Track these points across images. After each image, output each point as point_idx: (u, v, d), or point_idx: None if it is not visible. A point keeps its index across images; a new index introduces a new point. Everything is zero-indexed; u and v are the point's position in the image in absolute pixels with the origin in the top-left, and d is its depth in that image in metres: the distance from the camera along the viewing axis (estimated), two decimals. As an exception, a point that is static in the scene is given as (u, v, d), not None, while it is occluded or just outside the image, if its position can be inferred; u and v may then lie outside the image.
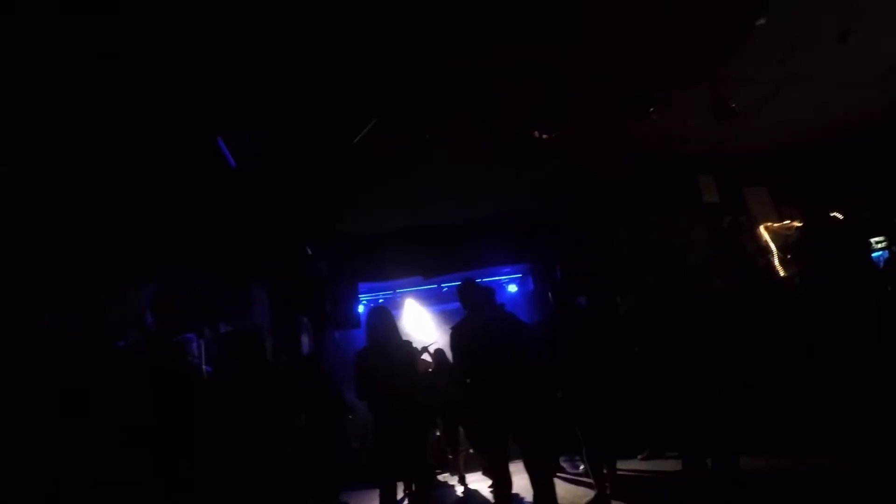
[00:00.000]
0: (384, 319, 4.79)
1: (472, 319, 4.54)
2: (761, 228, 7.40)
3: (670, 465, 5.54)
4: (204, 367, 5.71)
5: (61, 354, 3.21)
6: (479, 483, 6.60)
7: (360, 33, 4.28)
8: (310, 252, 8.24)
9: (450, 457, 7.20)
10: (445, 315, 10.85)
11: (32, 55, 3.68)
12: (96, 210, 4.79)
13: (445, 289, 10.95)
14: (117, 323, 4.32)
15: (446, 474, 7.81)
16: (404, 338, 4.94)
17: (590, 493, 4.80)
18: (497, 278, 10.90)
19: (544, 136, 5.61)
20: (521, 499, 5.15)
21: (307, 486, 5.81)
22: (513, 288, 11.17)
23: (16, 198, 3.69)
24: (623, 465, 5.36)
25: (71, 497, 2.94)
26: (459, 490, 6.61)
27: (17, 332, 3.09)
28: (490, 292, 4.88)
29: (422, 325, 10.73)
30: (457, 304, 10.54)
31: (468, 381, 4.43)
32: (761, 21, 4.75)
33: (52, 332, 3.42)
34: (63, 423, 2.93)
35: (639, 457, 6.16)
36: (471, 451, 7.07)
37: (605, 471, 4.78)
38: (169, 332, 4.21)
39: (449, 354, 5.09)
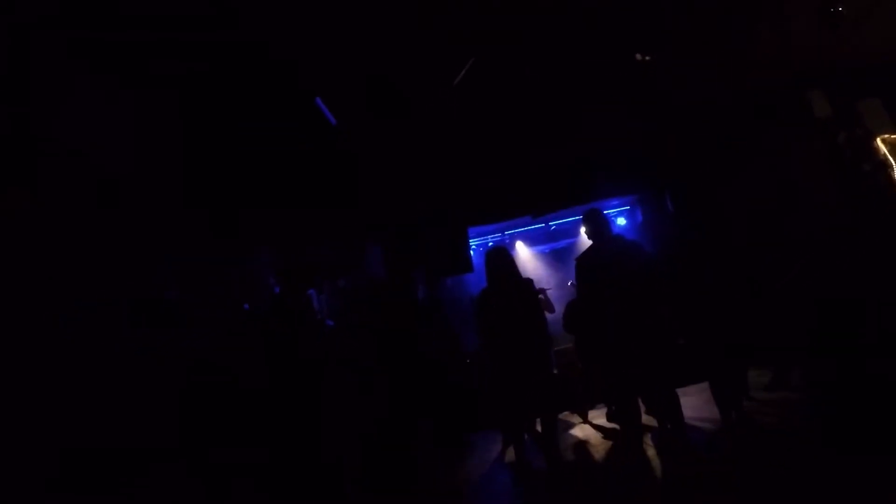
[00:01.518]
0: (504, 259, 4.83)
1: (599, 249, 4.45)
2: (878, 141, 6.67)
3: (798, 397, 5.20)
4: (327, 321, 6.01)
5: (191, 325, 3.48)
6: (601, 420, 6.56)
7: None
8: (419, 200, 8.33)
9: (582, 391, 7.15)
10: (555, 253, 10.69)
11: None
12: (210, 181, 5.05)
13: (554, 227, 10.75)
14: (243, 287, 4.60)
15: (565, 412, 7.83)
16: (523, 277, 4.94)
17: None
18: (605, 211, 10.52)
19: (647, 59, 5.24)
20: (648, 432, 5.06)
21: (432, 431, 6.03)
22: (621, 221, 10.73)
23: (130, 185, 3.95)
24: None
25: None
26: (585, 429, 6.60)
27: (145, 308, 3.35)
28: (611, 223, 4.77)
29: (532, 264, 10.63)
30: (566, 241, 10.51)
31: (595, 309, 4.41)
32: None
33: (180, 304, 3.70)
34: (197, 389, 3.17)
35: (764, 390, 5.84)
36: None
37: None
38: (291, 290, 4.40)
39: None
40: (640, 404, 4.51)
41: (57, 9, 3.33)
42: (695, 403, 5.91)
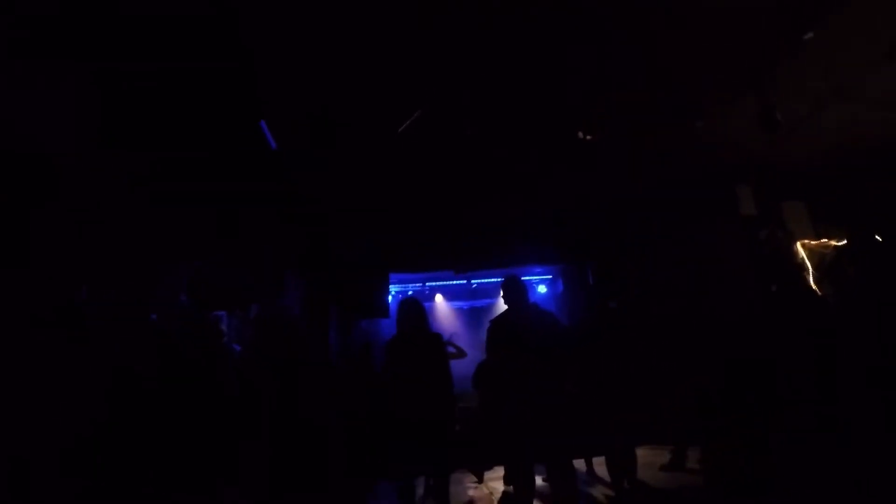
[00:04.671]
0: (415, 311, 4.81)
1: (513, 315, 4.54)
2: (798, 245, 7.25)
3: (690, 479, 5.46)
4: (233, 345, 5.80)
5: (95, 326, 3.30)
6: (497, 482, 6.57)
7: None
8: (340, 239, 8.30)
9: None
10: (474, 311, 10.86)
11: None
12: (137, 190, 4.89)
13: (475, 285, 10.95)
14: (154, 300, 4.39)
15: (464, 472, 7.80)
16: (433, 330, 4.96)
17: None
18: (527, 278, 10.84)
19: (588, 138, 5.56)
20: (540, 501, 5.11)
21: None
22: (542, 289, 11.12)
23: (63, 175, 3.79)
24: (642, 474, 5.29)
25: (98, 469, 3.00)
26: (478, 488, 6.58)
27: (53, 303, 3.18)
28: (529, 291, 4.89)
29: (449, 319, 10.73)
30: (485, 301, 10.70)
31: (500, 374, 4.47)
32: (809, 35, 4.63)
33: (88, 303, 3.51)
34: (90, 394, 3.00)
35: (659, 467, 6.07)
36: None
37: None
38: (200, 309, 4.27)
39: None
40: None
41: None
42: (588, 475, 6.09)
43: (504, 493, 5.99)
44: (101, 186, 4.34)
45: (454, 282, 10.89)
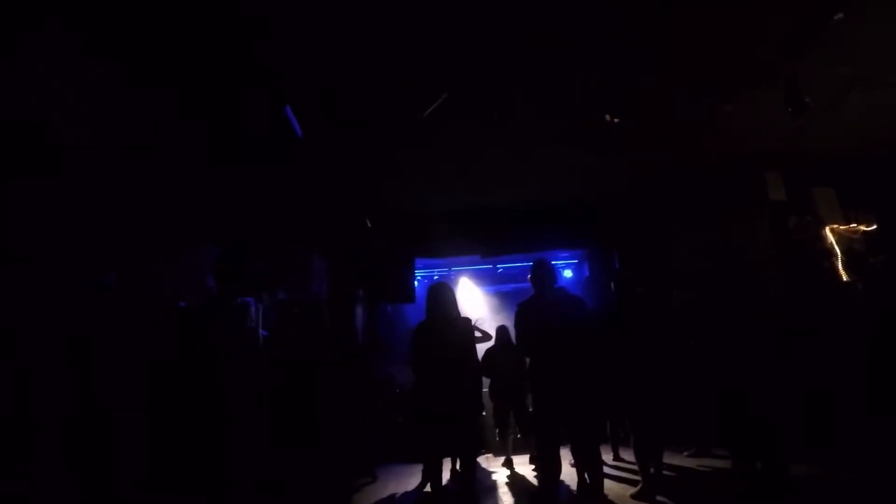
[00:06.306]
0: (446, 295, 4.77)
1: (540, 299, 4.52)
2: (827, 230, 7.05)
3: (717, 463, 5.46)
4: (261, 331, 5.87)
5: (127, 311, 3.34)
6: (524, 467, 6.57)
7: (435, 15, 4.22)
8: (369, 225, 8.31)
9: (497, 439, 7.15)
10: (499, 296, 10.82)
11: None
12: (164, 172, 4.93)
13: (501, 269, 10.90)
14: (175, 284, 4.44)
15: (489, 455, 7.83)
16: (462, 315, 4.94)
17: (629, 488, 4.78)
18: (553, 262, 10.74)
19: (615, 121, 5.44)
20: (567, 486, 5.11)
21: (342, 460, 5.91)
22: (568, 273, 11.03)
23: (85, 156, 3.81)
24: (668, 460, 5.25)
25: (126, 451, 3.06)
26: (505, 473, 6.59)
27: (82, 287, 3.21)
28: (557, 275, 4.85)
29: (475, 303, 10.72)
30: (511, 286, 10.66)
31: (529, 359, 4.45)
32: (839, 16, 4.42)
33: (118, 289, 3.56)
34: (126, 378, 3.04)
35: (685, 453, 6.03)
36: (518, 435, 7.02)
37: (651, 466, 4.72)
38: (229, 295, 4.29)
39: (512, 332, 5.07)
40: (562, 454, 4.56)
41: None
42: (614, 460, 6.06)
43: (532, 474, 6.01)
44: (127, 172, 4.37)
45: (480, 266, 10.85)
